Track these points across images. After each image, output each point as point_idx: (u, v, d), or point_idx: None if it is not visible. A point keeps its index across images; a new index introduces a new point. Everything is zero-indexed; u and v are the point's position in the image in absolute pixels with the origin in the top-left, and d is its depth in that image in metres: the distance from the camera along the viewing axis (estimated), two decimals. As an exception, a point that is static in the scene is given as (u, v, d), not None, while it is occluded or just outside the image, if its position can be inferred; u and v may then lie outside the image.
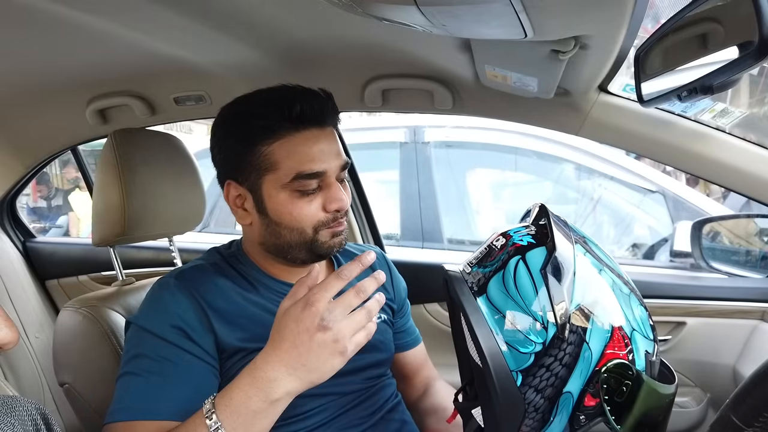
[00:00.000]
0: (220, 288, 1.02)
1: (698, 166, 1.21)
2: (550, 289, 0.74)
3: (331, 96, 1.03)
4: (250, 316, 1.01)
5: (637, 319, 0.79)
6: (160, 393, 0.91)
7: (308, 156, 0.96)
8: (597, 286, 0.78)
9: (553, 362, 0.74)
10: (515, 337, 0.75)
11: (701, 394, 1.55)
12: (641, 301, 0.82)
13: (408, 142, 3.12)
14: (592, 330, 0.74)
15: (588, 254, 0.81)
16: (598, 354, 0.75)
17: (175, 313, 0.96)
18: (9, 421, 0.63)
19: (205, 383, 0.95)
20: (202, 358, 0.95)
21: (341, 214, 1.01)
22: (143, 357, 0.94)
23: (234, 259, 1.09)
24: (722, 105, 1.21)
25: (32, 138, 1.76)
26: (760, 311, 1.46)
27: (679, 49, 0.96)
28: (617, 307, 0.78)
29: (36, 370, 1.85)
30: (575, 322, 0.74)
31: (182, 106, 1.50)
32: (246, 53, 1.23)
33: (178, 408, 0.91)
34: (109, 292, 1.29)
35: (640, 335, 0.78)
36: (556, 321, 0.74)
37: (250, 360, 0.95)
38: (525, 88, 1.11)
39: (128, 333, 1.01)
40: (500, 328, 0.76)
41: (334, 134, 1.02)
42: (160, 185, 1.32)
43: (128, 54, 1.23)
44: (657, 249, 2.75)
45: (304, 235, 1.00)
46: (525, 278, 0.76)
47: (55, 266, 2.09)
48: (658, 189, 2.82)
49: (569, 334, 0.74)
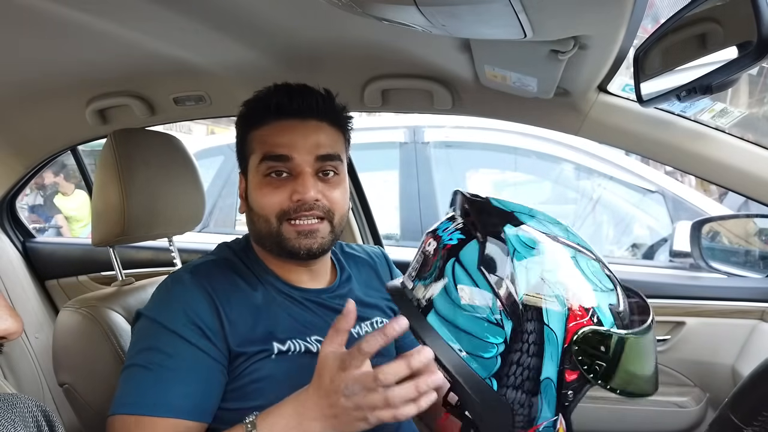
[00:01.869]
0: (231, 284, 1.03)
1: (697, 166, 1.21)
2: (492, 284, 0.73)
3: (323, 94, 1.07)
4: (254, 313, 1.01)
5: (591, 278, 0.76)
6: (171, 389, 0.91)
7: (276, 141, 1.02)
8: (539, 263, 0.74)
9: (521, 356, 0.73)
10: (475, 345, 0.74)
11: (700, 393, 1.55)
12: (592, 254, 0.79)
13: (408, 142, 3.12)
14: (548, 311, 0.72)
15: (521, 231, 0.77)
16: (561, 332, 0.73)
17: (191, 309, 0.96)
18: (10, 417, 0.63)
19: (215, 382, 0.95)
20: (214, 356, 0.95)
21: (306, 207, 1.00)
22: (155, 350, 0.94)
23: (243, 254, 1.10)
24: (721, 105, 1.21)
25: (32, 138, 1.76)
26: (760, 311, 1.46)
27: (679, 49, 0.96)
28: (567, 277, 0.74)
29: (36, 371, 1.85)
30: (529, 310, 0.72)
31: (182, 107, 1.50)
32: (246, 53, 1.23)
33: (190, 406, 0.91)
34: (108, 292, 1.29)
35: (598, 292, 0.75)
36: (509, 315, 0.72)
37: (250, 365, 0.97)
38: (524, 88, 1.12)
39: (138, 324, 1.01)
40: (457, 339, 0.74)
41: (321, 128, 1.05)
42: (160, 185, 1.32)
43: (128, 54, 1.23)
44: (656, 249, 2.75)
45: (269, 225, 1.02)
46: (465, 281, 0.74)
47: (55, 266, 2.09)
48: (658, 189, 2.82)
49: (527, 323, 0.72)
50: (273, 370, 0.97)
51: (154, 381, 0.91)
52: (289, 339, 1.00)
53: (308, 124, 1.03)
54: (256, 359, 0.97)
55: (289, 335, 1.00)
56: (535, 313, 0.72)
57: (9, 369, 1.77)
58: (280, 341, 0.99)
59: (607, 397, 1.54)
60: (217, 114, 1.56)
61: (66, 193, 5.80)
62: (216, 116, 1.56)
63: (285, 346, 0.99)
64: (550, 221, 0.80)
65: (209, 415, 0.95)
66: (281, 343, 0.99)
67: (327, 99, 1.07)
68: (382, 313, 1.17)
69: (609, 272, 0.79)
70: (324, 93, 1.07)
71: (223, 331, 0.96)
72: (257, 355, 0.97)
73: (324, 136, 1.04)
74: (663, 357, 1.55)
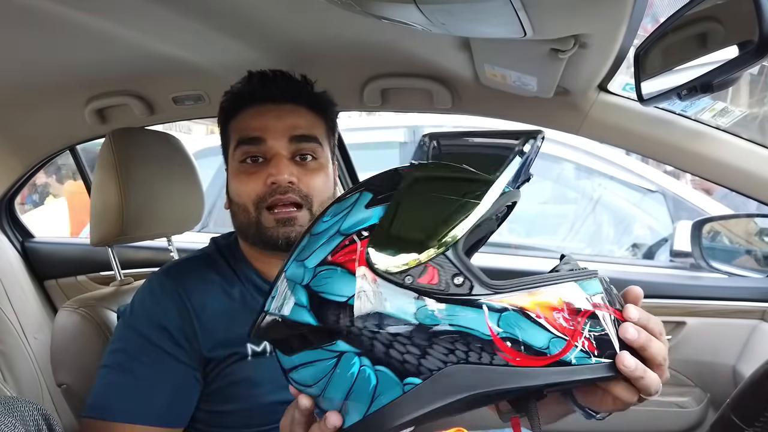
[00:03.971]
0: (204, 282, 1.00)
1: (698, 165, 1.21)
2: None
3: (297, 79, 1.06)
4: (229, 314, 0.98)
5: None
6: (141, 396, 0.91)
7: (250, 125, 1.00)
8: None
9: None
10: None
11: (701, 394, 1.55)
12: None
13: (407, 141, 3.12)
14: None
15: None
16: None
17: (160, 313, 0.95)
18: (10, 422, 0.63)
19: (185, 387, 0.94)
20: (185, 361, 0.94)
21: (281, 190, 0.96)
22: (125, 353, 0.94)
23: (228, 250, 1.08)
24: (722, 104, 1.20)
25: (31, 137, 1.75)
26: (760, 311, 1.46)
27: (679, 48, 0.96)
28: None
29: (34, 371, 1.84)
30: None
31: (181, 106, 1.50)
32: (245, 52, 1.22)
33: (158, 412, 0.91)
34: (107, 292, 1.28)
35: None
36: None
37: (227, 368, 0.95)
38: (524, 87, 1.11)
39: (117, 324, 1.01)
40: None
41: (297, 111, 1.02)
42: (159, 185, 1.31)
43: (127, 53, 1.23)
44: (657, 249, 2.75)
45: (248, 215, 0.99)
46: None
47: (54, 266, 2.08)
48: (658, 189, 2.82)
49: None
50: (249, 372, 0.95)
51: (123, 386, 0.91)
52: None
53: (283, 107, 1.01)
54: (229, 362, 0.95)
55: None
56: (327, 305, 0.59)
57: (8, 369, 1.77)
58: (255, 342, 0.97)
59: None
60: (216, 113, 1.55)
61: (57, 194, 5.69)
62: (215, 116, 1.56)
63: (260, 347, 0.97)
64: None
65: (181, 420, 0.94)
66: (256, 344, 0.96)
67: (304, 83, 1.06)
68: None
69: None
70: (301, 78, 1.06)
71: (195, 335, 0.95)
72: (230, 358, 0.95)
73: (299, 119, 1.01)
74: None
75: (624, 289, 0.63)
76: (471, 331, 0.55)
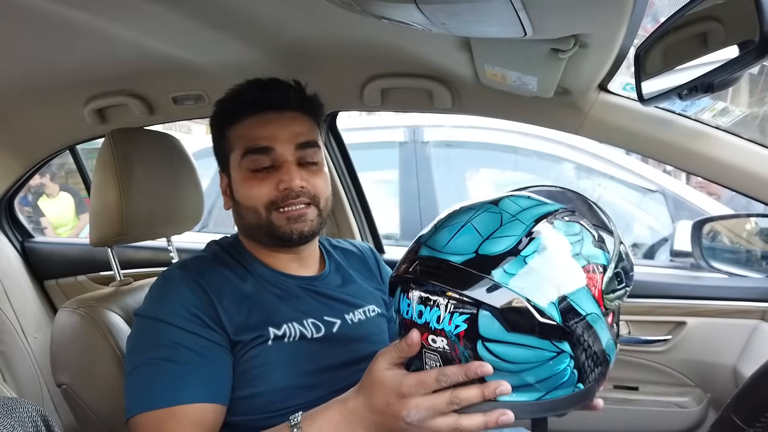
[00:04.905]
0: (221, 277, 1.04)
1: (698, 165, 1.21)
2: (530, 335, 0.72)
3: (292, 86, 1.10)
4: (247, 302, 1.02)
5: (570, 239, 0.75)
6: (184, 379, 0.92)
7: (257, 134, 1.05)
8: (537, 277, 0.72)
9: (586, 352, 0.73)
10: (550, 383, 0.73)
11: (701, 394, 1.55)
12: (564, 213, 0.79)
13: (407, 141, 3.12)
14: (576, 303, 0.71)
15: (503, 266, 0.71)
16: (595, 305, 0.73)
17: (187, 301, 0.98)
18: (9, 423, 0.63)
19: (224, 366, 0.97)
20: (218, 342, 0.96)
21: (293, 194, 1.03)
22: (159, 346, 0.94)
23: (232, 248, 1.13)
24: (722, 104, 1.20)
25: (30, 137, 1.75)
26: (761, 311, 1.46)
27: (680, 47, 0.96)
28: (560, 257, 0.73)
29: (34, 371, 1.84)
30: (568, 319, 0.71)
31: (181, 106, 1.50)
32: (245, 52, 1.22)
33: (209, 389, 0.92)
34: (106, 292, 1.28)
35: (581, 245, 0.76)
36: (561, 338, 0.71)
37: (248, 352, 0.98)
38: (524, 87, 1.11)
39: (136, 326, 1.01)
40: (534, 390, 0.73)
41: (298, 118, 1.08)
42: (159, 185, 1.31)
43: (127, 53, 1.23)
44: (657, 249, 2.75)
45: (258, 216, 1.05)
46: (507, 350, 0.71)
47: (54, 266, 2.08)
48: (658, 188, 2.81)
49: (575, 328, 0.71)
50: (271, 356, 0.98)
51: (167, 374, 0.92)
52: (284, 323, 1.01)
53: (285, 115, 1.07)
54: (252, 345, 0.98)
55: (284, 319, 1.02)
56: (572, 314, 0.70)
57: (8, 369, 1.77)
58: (275, 326, 1.01)
59: (607, 397, 1.53)
60: (216, 113, 1.55)
61: (51, 194, 5.65)
62: (215, 116, 1.56)
63: (281, 331, 1.00)
64: (511, 216, 0.76)
65: (224, 396, 0.96)
66: (277, 328, 1.00)
67: (299, 89, 1.11)
68: (376, 303, 1.19)
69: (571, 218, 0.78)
70: (295, 84, 1.11)
71: (220, 320, 0.98)
72: (254, 341, 0.98)
73: (301, 126, 1.08)
74: (664, 357, 1.55)
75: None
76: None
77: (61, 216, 5.67)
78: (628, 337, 1.56)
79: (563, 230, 0.74)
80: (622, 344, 1.56)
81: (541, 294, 0.69)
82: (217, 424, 0.93)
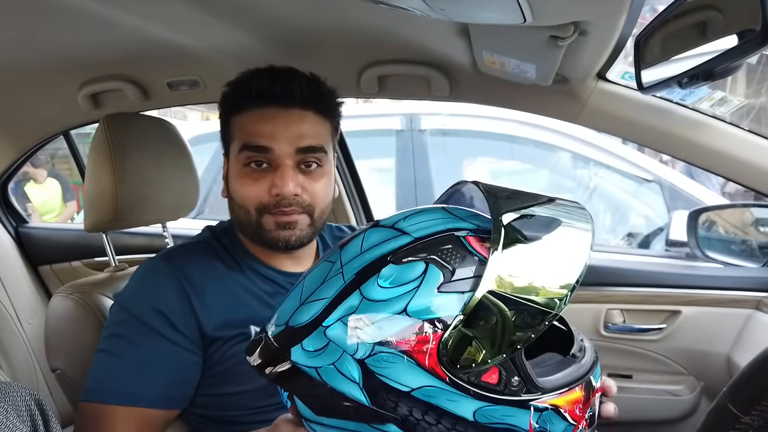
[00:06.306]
0: (205, 267, 1.01)
1: (696, 155, 1.21)
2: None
3: (308, 78, 1.01)
4: (233, 296, 0.99)
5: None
6: (137, 378, 0.91)
7: (257, 130, 0.98)
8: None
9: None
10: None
11: (695, 382, 1.56)
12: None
13: (404, 129, 3.11)
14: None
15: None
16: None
17: (158, 298, 0.95)
18: (3, 406, 0.62)
19: (185, 371, 0.95)
20: (183, 345, 0.94)
21: (286, 202, 0.97)
22: (122, 338, 0.94)
23: (225, 236, 1.09)
24: (721, 93, 1.20)
25: (24, 122, 1.74)
26: (755, 300, 1.46)
27: (679, 36, 0.95)
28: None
29: (29, 356, 1.84)
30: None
31: (176, 91, 1.49)
32: (241, 38, 1.21)
33: (156, 395, 0.91)
34: (101, 277, 1.28)
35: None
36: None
37: (230, 349, 0.96)
38: (523, 74, 1.10)
39: (112, 308, 1.01)
40: None
41: (305, 118, 0.99)
42: (153, 171, 1.30)
43: (122, 37, 1.21)
44: (652, 238, 2.76)
45: (248, 216, 1.00)
46: None
47: (48, 252, 2.08)
48: (655, 178, 2.82)
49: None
50: None
51: (120, 369, 0.92)
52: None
53: (291, 113, 0.98)
54: (234, 342, 0.96)
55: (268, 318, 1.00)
56: (385, 393, 0.61)
57: (2, 354, 1.77)
58: (258, 324, 0.96)
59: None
60: (211, 99, 1.54)
61: (38, 180, 5.58)
62: (210, 101, 1.55)
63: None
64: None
65: (179, 403, 0.95)
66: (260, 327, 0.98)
67: (312, 84, 1.01)
68: None
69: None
70: (309, 77, 1.02)
71: (195, 318, 0.95)
72: (235, 339, 0.96)
73: (307, 126, 0.99)
74: (659, 345, 1.55)
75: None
76: (515, 428, 0.60)
77: (48, 202, 5.62)
78: (623, 326, 1.57)
79: (390, 280, 0.60)
80: (617, 333, 1.57)
81: (336, 374, 0.60)
82: (165, 425, 0.94)
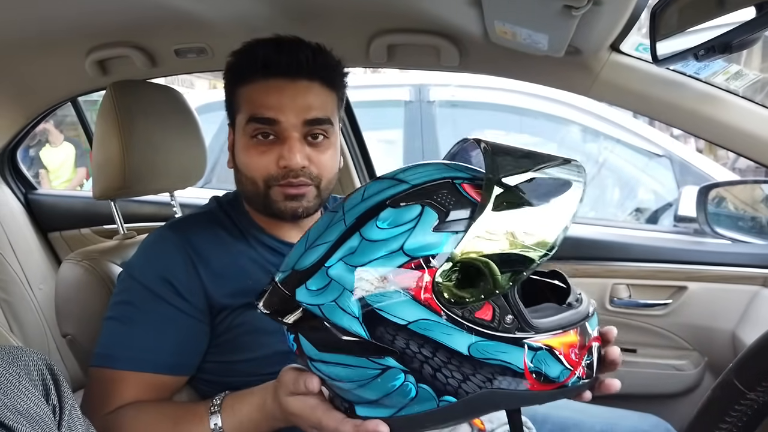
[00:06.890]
0: (211, 238, 1.02)
1: (709, 130, 1.19)
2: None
3: (318, 50, 1.00)
4: (239, 267, 1.00)
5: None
6: (146, 345, 0.93)
7: (263, 102, 0.97)
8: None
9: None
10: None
11: (699, 357, 1.56)
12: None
13: (413, 100, 3.08)
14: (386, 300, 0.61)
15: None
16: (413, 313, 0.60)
17: (165, 266, 0.97)
18: (15, 371, 0.63)
19: (192, 339, 0.96)
20: (190, 313, 0.95)
21: (293, 174, 0.97)
22: (130, 305, 0.96)
23: (230, 207, 1.09)
24: (737, 67, 1.18)
25: (33, 88, 1.73)
26: (762, 277, 1.46)
27: (696, 7, 0.93)
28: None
29: (40, 321, 1.87)
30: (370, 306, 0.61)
31: (183, 59, 1.47)
32: (249, 5, 1.20)
33: (162, 360, 0.93)
34: (110, 245, 1.29)
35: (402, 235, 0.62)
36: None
37: (237, 318, 0.96)
38: (535, 45, 1.08)
39: (120, 277, 1.03)
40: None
41: (312, 89, 0.99)
42: (161, 139, 1.30)
43: (129, 3, 1.20)
44: (661, 214, 2.74)
45: (256, 188, 1.00)
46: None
47: (57, 219, 2.09)
48: (665, 153, 2.79)
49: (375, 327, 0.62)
50: (263, 322, 0.94)
51: (128, 336, 0.94)
52: None
53: (298, 84, 0.98)
54: (241, 311, 0.97)
55: None
56: (384, 326, 0.63)
57: (14, 319, 1.79)
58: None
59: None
60: (218, 67, 1.50)
61: (55, 143, 5.59)
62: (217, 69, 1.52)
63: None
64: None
65: (187, 369, 0.97)
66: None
67: (319, 55, 1.00)
68: None
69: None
70: (316, 47, 1.01)
71: (202, 287, 0.96)
72: (242, 308, 0.97)
73: (314, 98, 0.99)
74: (664, 321, 1.56)
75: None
76: (509, 365, 0.62)
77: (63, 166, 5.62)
78: (628, 300, 1.57)
79: (388, 222, 0.62)
80: (622, 307, 1.57)
81: (337, 310, 0.62)
82: (173, 391, 0.96)
